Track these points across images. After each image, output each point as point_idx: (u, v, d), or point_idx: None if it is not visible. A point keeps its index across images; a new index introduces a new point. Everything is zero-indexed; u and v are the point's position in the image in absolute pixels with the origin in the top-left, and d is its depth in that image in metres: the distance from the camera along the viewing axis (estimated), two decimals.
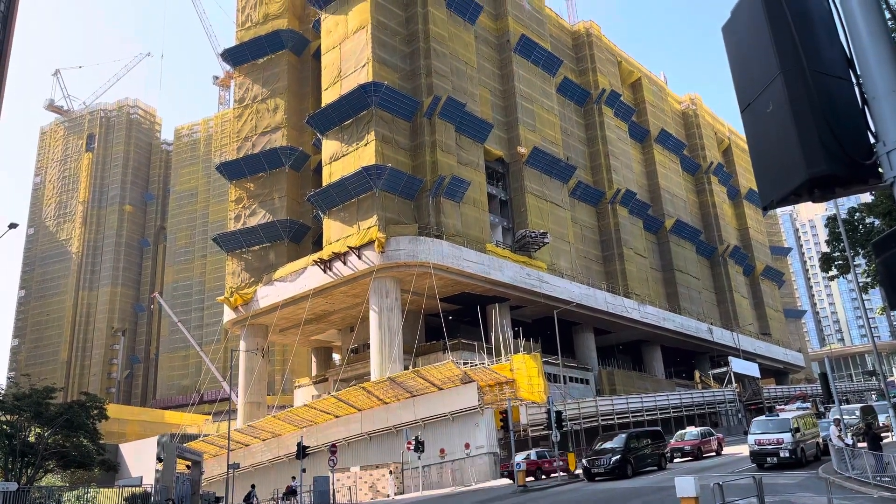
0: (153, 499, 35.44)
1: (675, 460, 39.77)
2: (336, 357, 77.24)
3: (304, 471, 39.96)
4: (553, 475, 36.90)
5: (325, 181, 59.67)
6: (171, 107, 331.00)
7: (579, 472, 35.48)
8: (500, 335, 54.83)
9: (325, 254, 57.13)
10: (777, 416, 31.25)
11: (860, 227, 29.57)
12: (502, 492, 32.02)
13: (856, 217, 29.88)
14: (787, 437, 27.92)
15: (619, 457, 31.81)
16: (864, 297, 32.45)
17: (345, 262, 55.60)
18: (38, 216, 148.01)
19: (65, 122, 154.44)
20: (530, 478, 36.43)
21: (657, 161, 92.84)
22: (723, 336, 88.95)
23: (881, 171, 3.63)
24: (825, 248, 43.01)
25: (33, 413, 37.03)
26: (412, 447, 37.49)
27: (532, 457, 38.61)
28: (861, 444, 27.38)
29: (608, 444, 33.59)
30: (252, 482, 44.71)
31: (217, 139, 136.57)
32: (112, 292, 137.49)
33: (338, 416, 48.73)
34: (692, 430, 43.15)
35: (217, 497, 43.40)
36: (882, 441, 25.47)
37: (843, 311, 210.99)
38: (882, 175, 3.63)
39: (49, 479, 44.52)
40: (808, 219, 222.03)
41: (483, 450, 40.85)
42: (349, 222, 57.20)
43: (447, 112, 59.57)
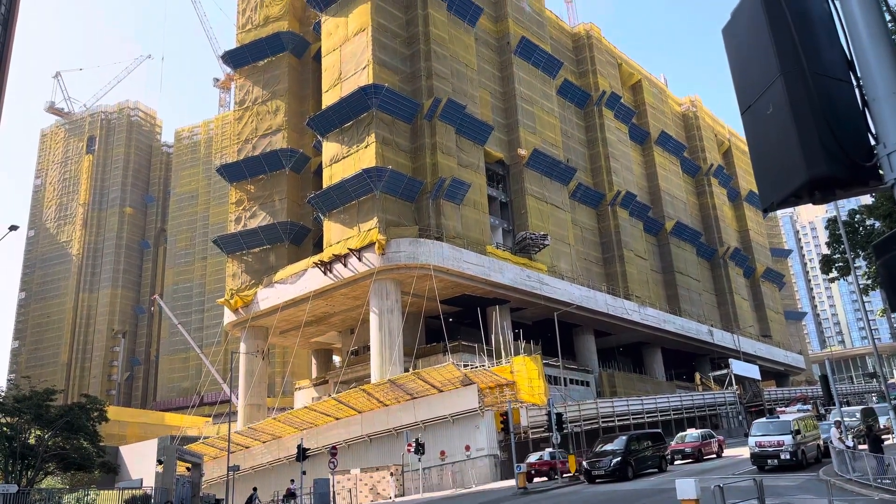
0: (153, 501, 35.41)
1: (676, 462, 39.76)
2: (336, 359, 77.23)
3: (304, 473, 39.93)
4: (566, 475, 36.92)
5: (326, 183, 59.70)
6: (171, 109, 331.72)
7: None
8: (501, 337, 54.80)
9: (325, 256, 57.14)
10: (778, 418, 31.22)
11: (861, 228, 29.56)
12: (503, 494, 32.00)
13: (856, 219, 29.88)
14: (788, 440, 27.89)
15: (619, 459, 31.80)
16: (865, 298, 32.45)
17: (345, 265, 55.61)
18: (39, 218, 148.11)
19: (65, 125, 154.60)
20: (544, 478, 36.42)
21: (657, 163, 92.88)
22: (723, 338, 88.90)
23: (881, 173, 3.63)
24: (825, 250, 43.01)
25: (33, 415, 37.05)
26: (412, 449, 37.47)
27: (545, 457, 38.64)
28: (862, 447, 27.36)
29: (609, 447, 33.56)
30: (253, 485, 44.74)
31: (217, 141, 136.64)
32: (112, 294, 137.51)
33: (338, 419, 48.72)
34: (693, 433, 43.09)
35: (217, 499, 43.41)
36: (883, 443, 25.45)
37: (843, 312, 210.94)
38: (882, 177, 3.63)
39: (49, 482, 44.51)
40: (808, 221, 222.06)
41: (483, 452, 40.84)
42: (349, 224, 57.22)
43: (447, 114, 59.61)
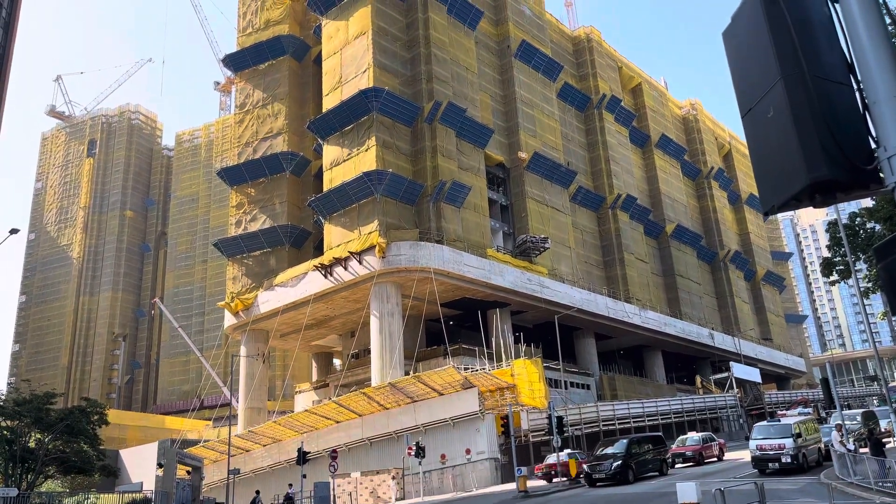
0: None
1: (677, 466, 39.70)
2: (337, 362, 77.17)
3: (304, 476, 39.87)
4: (566, 478, 36.82)
5: (326, 186, 59.73)
6: (172, 112, 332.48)
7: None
8: (501, 340, 54.78)
9: (325, 259, 57.14)
10: (779, 421, 31.17)
11: (861, 231, 29.54)
12: (503, 497, 31.96)
13: (857, 222, 29.85)
14: (789, 443, 27.84)
15: (620, 462, 31.76)
16: (866, 301, 32.45)
17: (346, 268, 55.61)
18: (40, 221, 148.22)
19: (66, 128, 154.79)
20: (563, 478, 36.38)
21: (658, 166, 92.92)
22: (724, 341, 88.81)
23: (882, 176, 3.63)
24: (826, 253, 43.00)
25: (34, 419, 37.02)
26: (413, 453, 37.42)
27: (563, 458, 38.57)
28: (863, 450, 27.30)
29: (609, 450, 33.50)
30: (256, 488, 44.66)
31: (218, 144, 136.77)
32: (113, 297, 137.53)
33: (338, 422, 48.66)
34: (693, 436, 43.04)
35: (218, 503, 43.32)
36: (884, 446, 25.39)
37: (844, 315, 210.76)
38: (883, 180, 3.63)
39: (49, 485, 44.48)
40: (808, 224, 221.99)
41: (484, 455, 40.79)
42: (350, 227, 57.23)
43: (448, 117, 59.66)
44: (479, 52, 69.69)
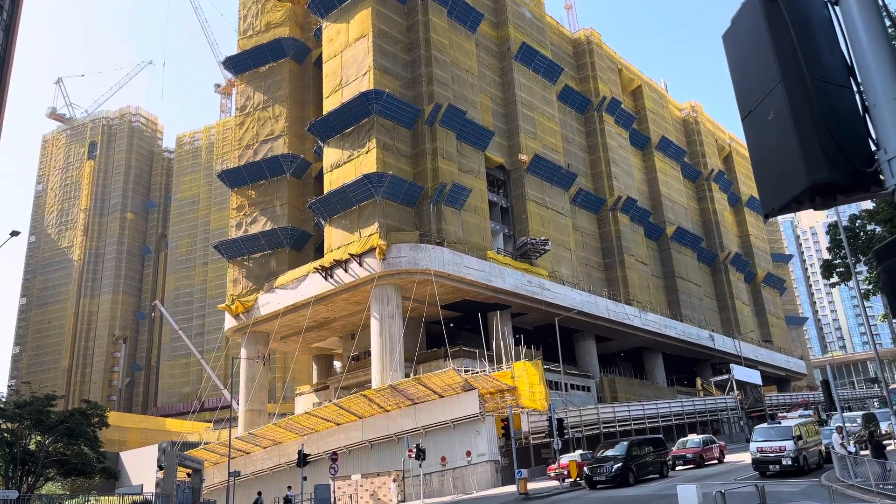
0: None
1: (677, 468, 39.65)
2: (337, 364, 77.16)
3: (304, 479, 39.84)
4: (567, 480, 36.76)
5: (327, 188, 59.76)
6: (172, 114, 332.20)
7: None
8: (502, 342, 54.74)
9: (326, 261, 57.15)
10: (779, 423, 31.18)
11: (861, 234, 29.56)
12: (504, 499, 31.94)
13: (857, 224, 29.88)
14: (790, 445, 27.83)
15: (621, 464, 31.74)
16: (866, 304, 32.38)
17: (346, 270, 55.61)
18: (40, 224, 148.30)
19: (67, 130, 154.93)
20: (578, 479, 36.39)
21: (658, 168, 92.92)
22: (724, 343, 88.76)
23: (882, 179, 3.63)
24: (826, 255, 43.00)
25: (34, 421, 37.00)
26: (413, 455, 37.40)
27: (578, 459, 38.56)
28: (864, 452, 27.27)
29: (610, 452, 33.49)
30: (258, 489, 44.68)
31: (218, 147, 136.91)
32: (113, 300, 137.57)
33: (339, 424, 48.64)
34: (694, 438, 43.01)
35: None
36: (885, 448, 25.37)
37: (844, 318, 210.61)
38: (883, 182, 3.63)
39: (49, 487, 44.46)
40: (809, 226, 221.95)
41: (484, 457, 40.76)
42: (350, 230, 57.24)
43: (448, 120, 59.70)
44: (479, 54, 69.75)
